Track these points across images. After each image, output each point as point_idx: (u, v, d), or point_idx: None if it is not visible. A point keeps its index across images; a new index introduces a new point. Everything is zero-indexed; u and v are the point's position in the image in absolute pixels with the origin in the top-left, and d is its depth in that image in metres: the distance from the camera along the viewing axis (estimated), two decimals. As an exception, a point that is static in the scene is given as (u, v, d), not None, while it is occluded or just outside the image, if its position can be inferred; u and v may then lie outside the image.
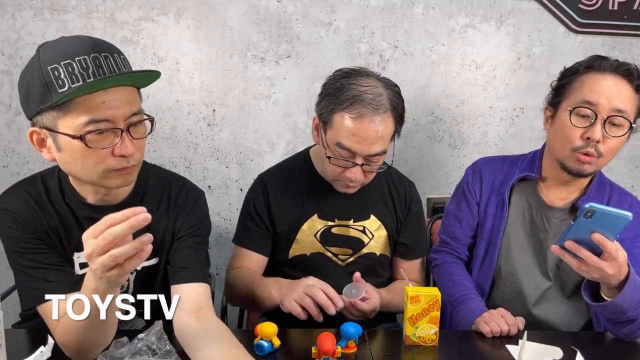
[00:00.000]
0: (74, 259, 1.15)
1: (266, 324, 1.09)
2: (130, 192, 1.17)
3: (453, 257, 1.48)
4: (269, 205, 1.43)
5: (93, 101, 0.96)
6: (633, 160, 2.17)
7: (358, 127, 1.23)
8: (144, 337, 0.99)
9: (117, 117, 0.98)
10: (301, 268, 1.44)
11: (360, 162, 1.27)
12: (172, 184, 1.23)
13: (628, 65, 1.24)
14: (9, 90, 1.96)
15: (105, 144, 0.99)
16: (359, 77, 1.28)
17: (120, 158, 1.01)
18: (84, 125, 0.96)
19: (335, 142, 1.27)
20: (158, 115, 2.01)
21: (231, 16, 1.97)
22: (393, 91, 1.30)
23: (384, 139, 1.26)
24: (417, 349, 1.14)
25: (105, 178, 1.03)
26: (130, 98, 1.01)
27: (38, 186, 1.14)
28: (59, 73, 0.94)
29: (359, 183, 1.32)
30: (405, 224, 1.49)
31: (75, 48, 0.96)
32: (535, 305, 1.38)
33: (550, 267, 1.36)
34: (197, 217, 1.22)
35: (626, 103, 1.23)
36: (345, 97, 1.24)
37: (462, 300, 1.33)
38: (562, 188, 1.36)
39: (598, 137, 1.22)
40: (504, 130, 2.12)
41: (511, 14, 2.04)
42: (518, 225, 1.39)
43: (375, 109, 1.22)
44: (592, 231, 1.01)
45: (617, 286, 1.10)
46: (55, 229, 1.12)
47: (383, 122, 1.24)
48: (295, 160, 1.51)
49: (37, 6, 1.91)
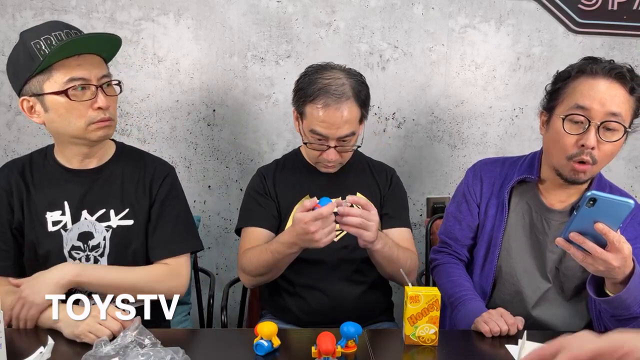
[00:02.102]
0: (47, 218, 1.28)
1: (266, 323, 1.09)
2: (107, 160, 1.35)
3: (453, 257, 1.48)
4: (268, 188, 1.56)
5: (70, 64, 1.19)
6: (633, 160, 2.17)
7: (325, 115, 1.40)
8: (128, 333, 1.02)
9: (91, 76, 1.21)
10: None
11: (333, 144, 1.44)
12: (146, 157, 1.42)
13: (620, 67, 1.22)
14: (9, 90, 1.96)
15: (85, 97, 1.21)
16: (324, 71, 1.45)
17: (98, 110, 1.22)
18: (66, 83, 1.19)
19: (309, 130, 1.44)
20: (158, 115, 2.01)
21: (231, 16, 1.98)
22: (355, 79, 1.45)
23: (350, 123, 1.42)
24: (416, 349, 1.14)
25: (88, 131, 1.23)
26: (99, 63, 1.25)
27: (24, 159, 1.35)
28: (40, 45, 1.17)
29: (336, 163, 1.49)
30: (388, 198, 1.59)
31: (51, 27, 1.20)
32: (535, 307, 1.38)
33: (549, 269, 1.37)
34: (171, 185, 1.40)
35: (620, 106, 1.21)
36: (313, 90, 1.41)
37: (461, 301, 1.33)
38: (561, 191, 1.36)
39: (592, 143, 1.20)
40: (504, 130, 2.13)
41: (511, 14, 2.04)
42: (518, 227, 1.39)
43: (338, 97, 1.39)
44: (595, 221, 1.01)
45: (622, 281, 1.10)
46: (30, 193, 1.30)
47: (347, 108, 1.40)
48: (289, 154, 1.67)
49: (37, 6, 1.91)
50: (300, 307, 1.50)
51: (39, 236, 1.27)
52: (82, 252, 1.29)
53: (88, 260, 1.29)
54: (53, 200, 1.29)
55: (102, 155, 1.34)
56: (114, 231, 1.31)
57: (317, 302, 1.49)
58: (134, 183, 1.35)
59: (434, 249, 1.56)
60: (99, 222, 1.30)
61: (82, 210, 1.29)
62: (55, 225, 1.28)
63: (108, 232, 1.30)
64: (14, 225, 1.28)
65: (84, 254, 1.29)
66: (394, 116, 2.09)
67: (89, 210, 1.30)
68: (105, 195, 1.31)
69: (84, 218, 1.29)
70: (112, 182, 1.33)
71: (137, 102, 2.00)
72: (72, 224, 1.28)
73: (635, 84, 1.22)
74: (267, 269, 1.41)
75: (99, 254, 1.30)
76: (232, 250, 2.13)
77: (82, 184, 1.31)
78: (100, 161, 1.34)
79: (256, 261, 1.41)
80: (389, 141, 2.11)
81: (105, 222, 1.30)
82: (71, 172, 1.31)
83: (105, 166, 1.34)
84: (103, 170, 1.33)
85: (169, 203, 1.37)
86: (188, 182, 2.07)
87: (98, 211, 1.30)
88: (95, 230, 1.29)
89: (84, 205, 1.30)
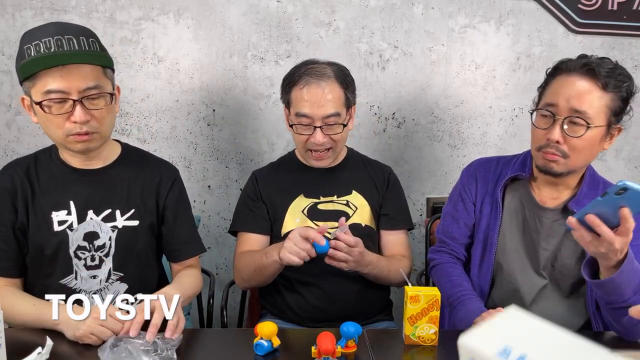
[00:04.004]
0: (52, 217, 1.28)
1: (266, 323, 1.09)
2: (113, 160, 1.35)
3: (451, 257, 1.48)
4: (260, 191, 1.58)
5: (53, 74, 1.16)
6: (633, 160, 2.17)
7: (306, 93, 1.44)
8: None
9: (71, 89, 1.17)
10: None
11: (318, 124, 1.45)
12: (151, 159, 1.44)
13: (592, 63, 1.23)
14: (9, 90, 1.96)
15: (61, 111, 1.18)
16: (308, 64, 1.50)
17: (75, 124, 1.19)
18: (43, 94, 1.17)
19: (295, 113, 1.47)
20: (158, 115, 2.01)
21: (231, 16, 1.98)
22: (339, 67, 1.50)
23: (333, 102, 1.45)
24: (416, 349, 1.14)
25: (68, 142, 1.22)
26: (86, 74, 1.19)
27: (28, 159, 1.33)
28: (30, 51, 1.16)
29: (325, 146, 1.49)
30: (386, 198, 1.60)
31: (46, 31, 1.17)
32: (533, 305, 1.38)
33: (542, 266, 1.37)
34: (180, 188, 1.43)
35: (585, 103, 1.22)
36: (296, 76, 1.47)
37: (461, 301, 1.33)
38: (551, 187, 1.37)
39: (556, 137, 1.24)
40: (504, 130, 2.13)
41: (511, 14, 2.04)
42: (512, 225, 1.40)
43: (319, 77, 1.44)
44: (620, 206, 1.03)
45: (614, 265, 1.12)
46: (35, 193, 1.29)
47: (328, 86, 1.44)
48: (284, 157, 1.69)
49: (37, 6, 1.91)
50: (299, 304, 1.51)
51: (44, 236, 1.27)
52: (88, 252, 1.29)
53: (93, 260, 1.29)
54: (59, 200, 1.29)
55: (107, 155, 1.34)
56: (119, 231, 1.31)
57: (314, 298, 1.50)
58: (140, 184, 1.35)
59: (432, 249, 1.56)
60: (104, 222, 1.30)
61: (87, 210, 1.29)
62: (61, 225, 1.28)
63: (114, 233, 1.31)
64: (17, 225, 1.28)
65: (90, 254, 1.29)
66: (394, 116, 2.09)
67: (94, 210, 1.30)
68: (111, 195, 1.32)
69: (89, 218, 1.29)
70: (118, 182, 1.33)
71: (137, 102, 2.00)
72: (77, 224, 1.28)
73: (607, 80, 1.21)
74: (257, 277, 1.47)
75: (104, 254, 1.30)
76: (232, 250, 2.11)
77: (88, 184, 1.31)
78: (105, 161, 1.34)
79: (248, 268, 1.48)
80: (389, 141, 2.11)
81: (111, 222, 1.31)
82: (77, 171, 1.31)
83: (111, 166, 1.34)
84: (109, 171, 1.33)
85: (182, 206, 1.42)
86: (188, 182, 2.07)
87: (104, 211, 1.30)
88: (100, 230, 1.29)
89: (89, 205, 1.30)
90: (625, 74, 1.25)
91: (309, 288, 1.51)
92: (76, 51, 1.17)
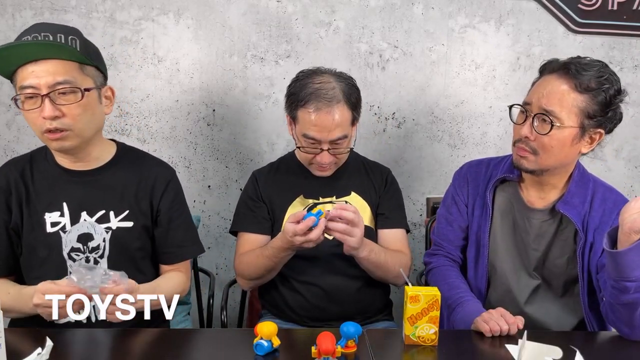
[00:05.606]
0: (45, 219, 1.28)
1: (266, 323, 1.09)
2: (107, 161, 1.34)
3: (448, 259, 1.49)
4: (260, 191, 1.58)
5: (26, 71, 1.17)
6: (632, 160, 2.17)
7: (317, 118, 1.41)
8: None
9: (40, 85, 1.16)
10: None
11: (326, 147, 1.45)
12: (147, 159, 1.42)
13: (571, 64, 1.23)
14: (9, 90, 1.96)
15: (33, 106, 1.18)
16: (315, 75, 1.46)
17: (44, 120, 1.17)
18: (18, 90, 1.18)
19: (302, 134, 1.46)
20: (158, 115, 2.01)
21: (231, 16, 1.98)
22: (346, 83, 1.47)
23: (341, 126, 1.43)
24: (416, 349, 1.14)
25: (46, 140, 1.22)
26: (56, 69, 1.17)
27: (24, 159, 1.33)
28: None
29: (330, 165, 1.50)
30: (384, 197, 1.60)
31: (30, 29, 1.19)
32: (527, 305, 1.39)
33: (534, 266, 1.38)
34: (176, 190, 1.41)
35: (555, 103, 1.23)
36: (304, 95, 1.43)
37: (459, 303, 1.33)
38: (537, 188, 1.37)
39: (524, 133, 1.27)
40: (504, 130, 2.12)
41: (511, 14, 2.04)
42: (503, 226, 1.41)
43: (329, 101, 1.41)
44: None
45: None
46: (30, 194, 1.29)
47: (338, 112, 1.42)
48: (284, 157, 1.69)
49: (37, 6, 1.91)
50: (298, 303, 1.52)
51: (37, 237, 1.27)
52: (82, 254, 1.28)
53: (88, 261, 1.29)
54: (52, 201, 1.28)
55: (99, 156, 1.33)
56: (113, 233, 1.31)
57: (314, 297, 1.50)
58: (134, 185, 1.35)
59: (427, 252, 1.57)
60: (98, 223, 1.30)
61: (81, 212, 1.29)
62: (54, 227, 1.27)
63: (108, 234, 1.30)
64: (10, 225, 1.28)
65: (84, 256, 1.28)
66: (394, 116, 2.09)
67: (88, 212, 1.29)
68: (105, 196, 1.31)
69: (83, 219, 1.29)
70: (112, 183, 1.33)
71: (136, 102, 2.00)
72: (71, 226, 1.28)
73: (582, 81, 1.21)
74: (263, 273, 1.48)
75: (99, 255, 1.30)
76: (232, 250, 2.12)
77: (82, 186, 1.30)
78: (99, 162, 1.33)
79: (253, 266, 1.48)
80: (389, 141, 2.11)
81: (105, 223, 1.30)
82: (70, 172, 1.31)
83: (105, 167, 1.33)
84: (103, 172, 1.33)
85: (177, 208, 1.40)
86: (188, 182, 2.07)
87: (97, 212, 1.30)
88: (94, 231, 1.29)
89: (83, 207, 1.29)
90: (610, 79, 1.23)
91: (309, 287, 1.51)
92: (42, 42, 1.17)
